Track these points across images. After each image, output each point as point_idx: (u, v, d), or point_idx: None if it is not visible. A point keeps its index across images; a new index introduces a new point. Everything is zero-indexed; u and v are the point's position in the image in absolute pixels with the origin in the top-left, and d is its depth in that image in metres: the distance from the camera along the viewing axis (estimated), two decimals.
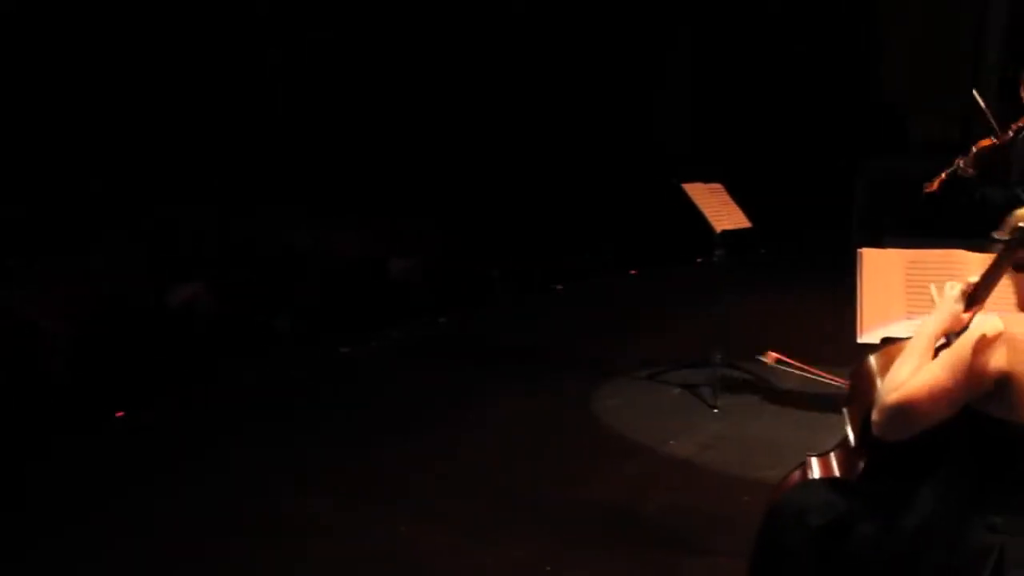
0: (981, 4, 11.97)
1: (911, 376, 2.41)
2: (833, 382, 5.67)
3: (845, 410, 3.10)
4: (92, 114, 7.29)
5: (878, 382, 2.92)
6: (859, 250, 3.84)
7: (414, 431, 5.65)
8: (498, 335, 8.00)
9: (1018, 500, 2.40)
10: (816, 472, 3.13)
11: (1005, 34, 11.84)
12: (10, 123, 6.85)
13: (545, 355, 7.31)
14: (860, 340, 3.64)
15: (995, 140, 5.50)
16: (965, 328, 2.55)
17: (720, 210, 6.37)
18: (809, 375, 5.44)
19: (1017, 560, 2.36)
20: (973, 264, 2.88)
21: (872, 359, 3.01)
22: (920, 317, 2.80)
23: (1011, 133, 5.47)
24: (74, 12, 7.20)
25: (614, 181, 10.78)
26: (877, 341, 3.47)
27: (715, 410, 6.00)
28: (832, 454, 3.16)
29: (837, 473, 3.08)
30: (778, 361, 5.20)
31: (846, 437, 3.07)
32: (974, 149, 5.54)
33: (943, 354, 2.42)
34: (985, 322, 2.39)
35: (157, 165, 7.62)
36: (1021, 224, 2.43)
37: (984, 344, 2.34)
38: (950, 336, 2.54)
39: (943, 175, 5.62)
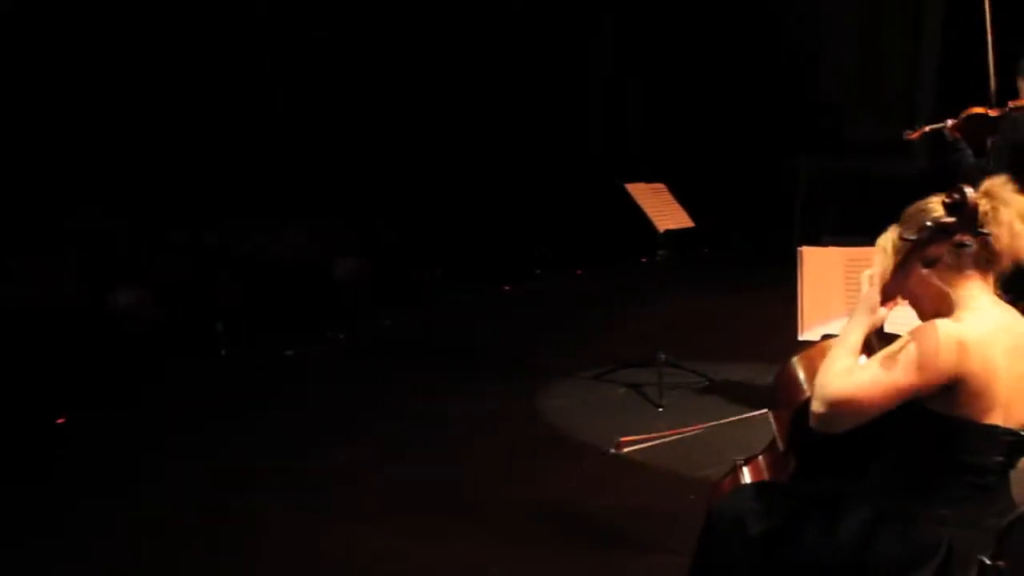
0: (917, 4, 12.13)
1: (853, 371, 2.43)
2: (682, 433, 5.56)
3: (771, 414, 3.11)
4: (56, 115, 7.21)
5: (803, 384, 2.94)
6: (799, 249, 3.89)
7: (361, 432, 5.63)
8: (444, 336, 8.00)
9: (963, 491, 2.43)
10: (747, 477, 3.14)
11: (943, 34, 12.00)
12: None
13: (491, 355, 7.32)
14: (801, 337, 3.68)
15: (987, 110, 5.49)
16: (882, 326, 2.58)
17: (663, 210, 6.41)
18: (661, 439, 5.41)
19: (962, 551, 2.39)
20: None
21: (796, 361, 3.02)
22: None
23: (1007, 110, 5.45)
24: (63, 13, 7.14)
25: (558, 182, 10.81)
26: (818, 338, 3.50)
27: (660, 409, 6.03)
28: (761, 457, 3.17)
29: (767, 476, 3.10)
30: (628, 443, 5.21)
31: (774, 440, 3.09)
32: (963, 114, 5.53)
33: (887, 352, 2.44)
34: (927, 327, 2.41)
35: (98, 168, 7.53)
36: (928, 223, 2.45)
37: (932, 347, 2.37)
38: (869, 336, 2.56)
39: (926, 127, 5.58)
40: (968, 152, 5.47)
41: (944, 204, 2.41)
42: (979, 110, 5.47)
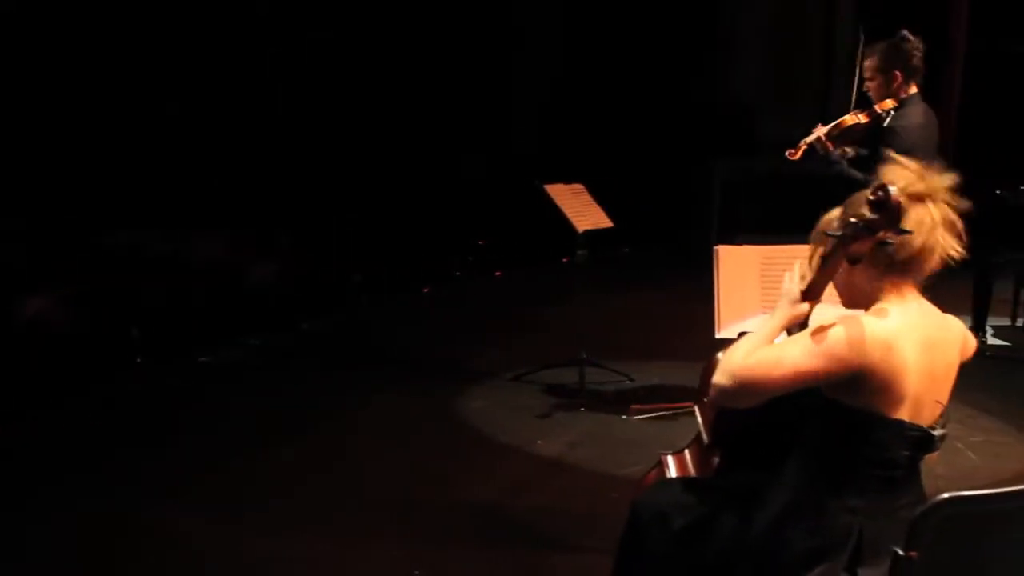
0: (829, 3, 12.33)
1: (764, 351, 2.47)
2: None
3: (696, 407, 3.15)
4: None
5: None
6: (715, 248, 3.94)
7: (281, 439, 5.58)
8: (364, 340, 7.96)
9: (872, 484, 2.47)
10: (672, 471, 3.17)
11: (854, 33, 12.20)
12: None
13: (412, 358, 7.29)
14: (718, 335, 3.73)
15: (858, 118, 5.53)
16: (806, 321, 2.62)
17: (581, 210, 6.44)
18: (670, 410, 5.39)
19: (871, 540, 2.43)
20: None
21: (720, 356, 3.06)
22: None
23: (878, 112, 5.50)
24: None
25: (477, 183, 10.81)
26: (735, 336, 3.55)
27: (582, 409, 6.07)
28: (687, 451, 3.20)
29: (693, 470, 3.13)
30: (640, 411, 5.17)
31: (700, 433, 3.12)
32: (836, 130, 5.48)
33: (797, 336, 2.48)
34: (842, 320, 2.45)
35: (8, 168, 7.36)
36: (852, 219, 2.48)
37: (842, 337, 2.40)
38: (792, 328, 2.60)
39: (804, 143, 5.51)
40: (844, 162, 5.53)
41: (868, 202, 2.44)
42: (850, 119, 5.51)
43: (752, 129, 12.21)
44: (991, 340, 7.68)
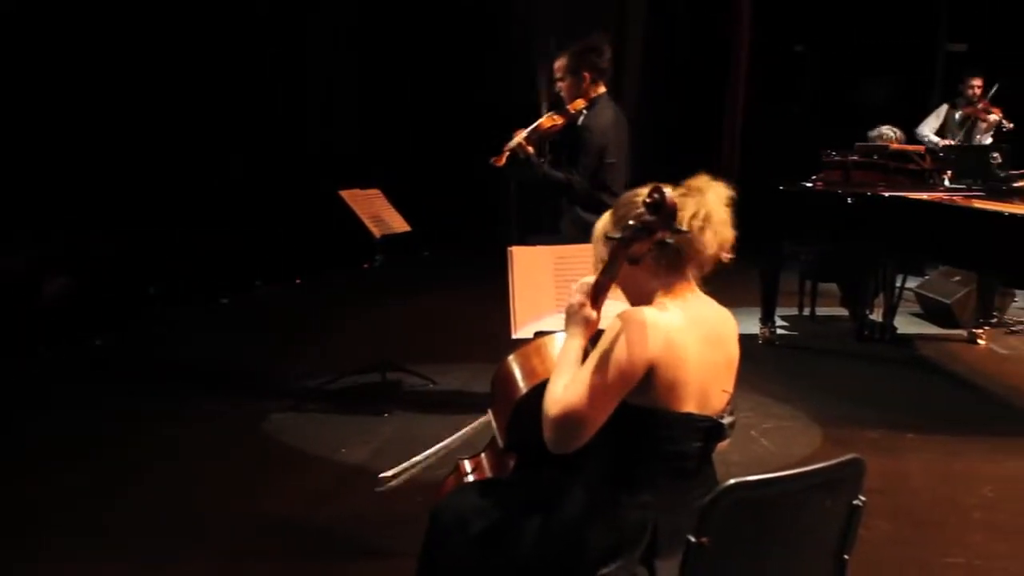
0: (620, 5, 12.63)
1: (568, 387, 2.46)
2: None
3: (490, 412, 3.15)
4: None
5: (519, 381, 3.00)
6: (509, 249, 3.97)
7: (73, 460, 5.34)
8: (160, 354, 7.72)
9: (665, 478, 2.53)
10: (470, 475, 3.17)
11: (646, 32, 12.55)
12: None
13: (211, 371, 7.12)
14: (515, 336, 3.75)
15: (555, 120, 5.59)
16: (598, 328, 2.65)
17: (378, 215, 6.43)
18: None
19: (667, 532, 2.48)
20: None
21: (511, 360, 3.06)
22: None
23: (571, 112, 5.56)
24: None
25: (274, 189, 10.63)
26: (531, 335, 3.59)
27: (385, 415, 6.04)
28: (483, 455, 3.21)
29: (489, 473, 3.14)
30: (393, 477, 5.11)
31: (495, 438, 3.13)
32: (534, 134, 5.57)
33: (591, 356, 2.48)
34: (621, 317, 2.49)
35: None
36: (630, 221, 2.53)
37: (627, 337, 2.43)
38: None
39: (507, 149, 5.58)
40: (543, 164, 5.67)
41: (644, 204, 2.48)
42: (547, 122, 5.61)
43: None
44: (780, 330, 8.00)
